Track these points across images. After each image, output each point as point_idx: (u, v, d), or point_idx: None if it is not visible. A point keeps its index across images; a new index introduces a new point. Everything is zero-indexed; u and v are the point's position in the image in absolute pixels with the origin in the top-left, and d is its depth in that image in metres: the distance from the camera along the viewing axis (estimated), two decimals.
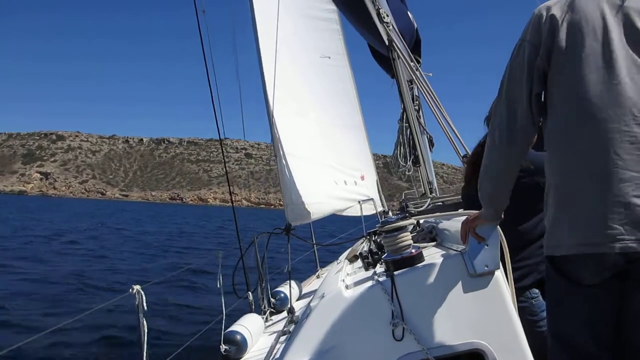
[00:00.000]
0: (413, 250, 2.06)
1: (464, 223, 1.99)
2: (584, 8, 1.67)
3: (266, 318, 4.37)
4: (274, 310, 4.59)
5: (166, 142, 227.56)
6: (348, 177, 6.38)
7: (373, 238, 3.41)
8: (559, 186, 1.68)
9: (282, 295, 4.68)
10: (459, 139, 3.49)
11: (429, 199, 3.30)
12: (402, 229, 2.10)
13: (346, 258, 3.08)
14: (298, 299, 4.91)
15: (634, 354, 1.68)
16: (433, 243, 2.50)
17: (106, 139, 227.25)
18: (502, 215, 1.90)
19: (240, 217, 4.82)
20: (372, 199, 6.65)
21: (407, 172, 5.53)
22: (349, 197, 6.26)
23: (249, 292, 4.45)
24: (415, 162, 5.09)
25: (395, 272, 1.97)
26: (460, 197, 3.47)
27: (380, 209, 6.87)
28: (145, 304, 2.73)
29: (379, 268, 2.24)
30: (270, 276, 5.00)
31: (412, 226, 2.50)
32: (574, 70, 1.64)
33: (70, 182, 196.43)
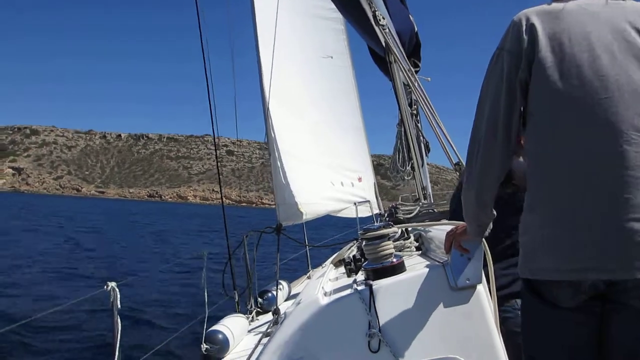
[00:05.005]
0: (394, 260, 2.00)
1: (449, 234, 1.92)
2: (567, 18, 1.57)
3: (252, 318, 4.32)
4: (261, 310, 4.54)
5: (145, 138, 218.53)
6: (345, 178, 6.33)
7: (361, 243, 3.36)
8: (547, 206, 1.58)
9: (270, 295, 4.64)
10: (452, 146, 3.42)
11: (418, 206, 3.24)
12: (384, 237, 2.04)
13: (331, 262, 3.03)
14: (286, 300, 4.86)
15: None
16: (418, 252, 2.44)
17: (83, 134, 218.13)
18: (486, 232, 1.81)
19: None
20: (368, 201, 6.60)
21: (406, 177, 5.46)
22: (345, 198, 6.20)
23: (235, 292, 4.41)
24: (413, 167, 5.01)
25: (375, 281, 1.91)
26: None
27: (376, 211, 6.81)
28: (119, 302, 2.69)
29: (360, 276, 2.18)
30: (262, 275, 4.94)
31: (396, 234, 2.44)
32: (558, 83, 1.54)
33: (44, 178, 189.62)
